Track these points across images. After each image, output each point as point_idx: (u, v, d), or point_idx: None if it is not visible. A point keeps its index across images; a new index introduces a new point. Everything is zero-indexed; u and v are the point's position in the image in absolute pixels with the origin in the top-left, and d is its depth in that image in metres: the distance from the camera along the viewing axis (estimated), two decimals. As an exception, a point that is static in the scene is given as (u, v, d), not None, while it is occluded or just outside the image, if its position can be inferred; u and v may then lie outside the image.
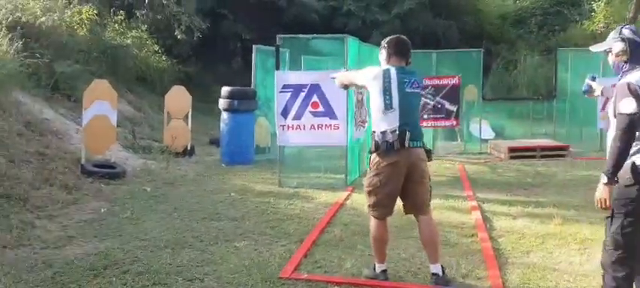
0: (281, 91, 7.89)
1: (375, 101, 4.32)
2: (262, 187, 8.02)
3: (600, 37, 17.41)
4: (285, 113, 7.93)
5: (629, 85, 3.22)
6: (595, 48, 3.67)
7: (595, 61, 12.01)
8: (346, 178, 8.18)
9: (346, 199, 7.25)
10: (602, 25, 19.61)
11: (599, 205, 3.28)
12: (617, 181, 3.23)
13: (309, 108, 7.90)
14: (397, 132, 4.16)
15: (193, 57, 18.38)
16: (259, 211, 6.50)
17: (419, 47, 12.38)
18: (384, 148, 4.18)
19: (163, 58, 16.91)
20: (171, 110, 10.55)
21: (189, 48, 17.74)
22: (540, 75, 18.43)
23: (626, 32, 3.39)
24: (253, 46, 10.83)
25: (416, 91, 4.38)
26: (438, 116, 11.50)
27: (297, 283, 4.27)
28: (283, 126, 8.00)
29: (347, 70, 4.93)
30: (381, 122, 4.25)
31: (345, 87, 5.31)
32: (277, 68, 8.37)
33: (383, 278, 4.37)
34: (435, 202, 6.92)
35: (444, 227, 5.87)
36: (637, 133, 3.22)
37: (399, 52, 4.39)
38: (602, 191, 3.26)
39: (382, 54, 4.46)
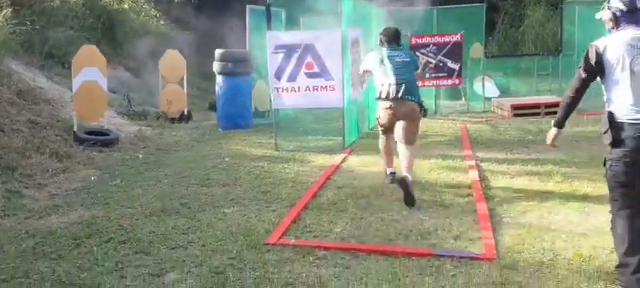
0: (274, 52, 7.67)
1: (376, 69, 5.87)
2: (258, 151, 7.87)
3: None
4: (278, 75, 7.72)
5: (592, 45, 3.53)
6: (598, 15, 3.73)
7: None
8: (344, 141, 8.01)
9: (342, 161, 7.09)
10: (614, -25, 18.94)
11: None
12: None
13: (304, 69, 7.68)
14: (394, 85, 5.63)
15: (193, 20, 18.07)
16: (252, 176, 6.36)
17: (421, 4, 12.04)
18: (383, 96, 5.69)
19: (162, 22, 16.63)
20: (165, 74, 10.36)
21: (189, 11, 17.42)
22: (547, 30, 17.95)
23: (613, 1, 3.56)
24: (247, 6, 10.53)
25: (405, 60, 5.82)
26: (440, 75, 11.23)
27: (284, 249, 4.13)
28: (278, 88, 7.80)
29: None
30: (382, 79, 5.76)
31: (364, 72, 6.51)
32: (269, 28, 8.13)
33: (391, 179, 5.76)
34: (432, 162, 6.83)
35: (440, 187, 5.73)
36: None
37: (388, 39, 5.94)
38: None
39: (378, 40, 6.06)
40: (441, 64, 11.20)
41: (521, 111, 10.66)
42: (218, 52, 9.72)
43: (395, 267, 3.76)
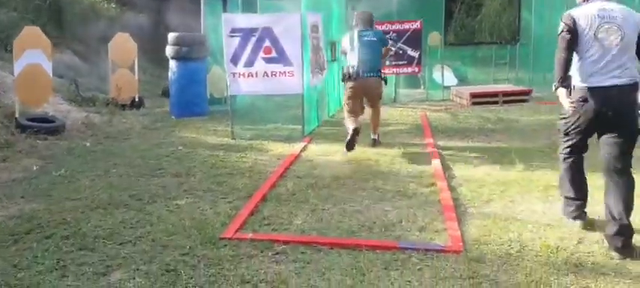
0: (229, 36, 7.34)
1: (348, 47, 6.93)
2: (214, 139, 7.56)
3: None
4: (235, 60, 7.41)
5: (566, 14, 3.88)
6: None
7: (559, 2, 11.74)
8: (303, 129, 7.77)
9: (302, 150, 6.86)
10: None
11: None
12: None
13: (261, 54, 7.39)
14: (356, 67, 6.67)
15: (145, 2, 17.42)
16: (207, 166, 6.06)
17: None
18: (347, 77, 6.77)
19: (113, 5, 15.97)
20: (115, 59, 9.87)
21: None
22: (504, 20, 18.09)
23: None
24: (202, -12, 10.13)
25: (372, 39, 6.85)
26: (400, 63, 11.12)
27: (241, 243, 3.88)
28: (234, 73, 7.49)
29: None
30: (349, 60, 6.84)
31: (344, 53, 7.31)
32: (224, 10, 7.79)
33: (353, 133, 6.34)
34: (394, 151, 6.70)
35: (402, 177, 5.58)
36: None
37: (361, 21, 6.97)
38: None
39: (353, 21, 7.14)
40: (400, 52, 11.09)
41: (479, 99, 10.67)
42: (171, 35, 9.30)
43: (359, 261, 3.57)
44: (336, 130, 8.35)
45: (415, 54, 11.12)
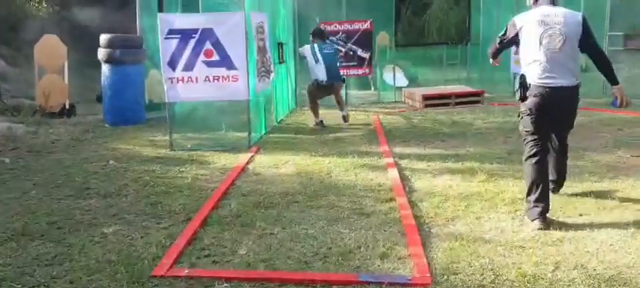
0: (166, 38, 6.71)
1: (310, 60, 8.36)
2: (150, 151, 6.91)
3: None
4: (172, 64, 6.78)
5: (512, 21, 4.32)
6: None
7: (507, 2, 11.59)
8: (249, 137, 7.22)
9: (248, 162, 6.31)
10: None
11: None
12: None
13: (202, 57, 6.80)
14: (324, 73, 8.30)
15: (79, 3, 16.41)
16: (141, 184, 5.43)
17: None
18: (317, 85, 8.37)
19: (44, 5, 14.93)
20: (43, 63, 9.03)
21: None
22: (451, 19, 17.99)
23: None
24: (136, -16, 9.42)
25: (330, 51, 8.57)
26: (351, 64, 10.73)
27: (175, 282, 3.32)
28: (172, 79, 6.86)
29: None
30: (316, 72, 8.38)
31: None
32: (160, 10, 7.15)
33: (321, 126, 8.40)
34: (348, 161, 6.25)
35: (358, 191, 5.13)
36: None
37: (317, 36, 8.61)
38: None
39: (311, 38, 8.60)
40: (351, 53, 10.70)
41: (432, 101, 10.38)
42: (103, 37, 8.55)
43: (314, 301, 3.09)
44: (285, 137, 7.86)
45: (366, 55, 10.74)
